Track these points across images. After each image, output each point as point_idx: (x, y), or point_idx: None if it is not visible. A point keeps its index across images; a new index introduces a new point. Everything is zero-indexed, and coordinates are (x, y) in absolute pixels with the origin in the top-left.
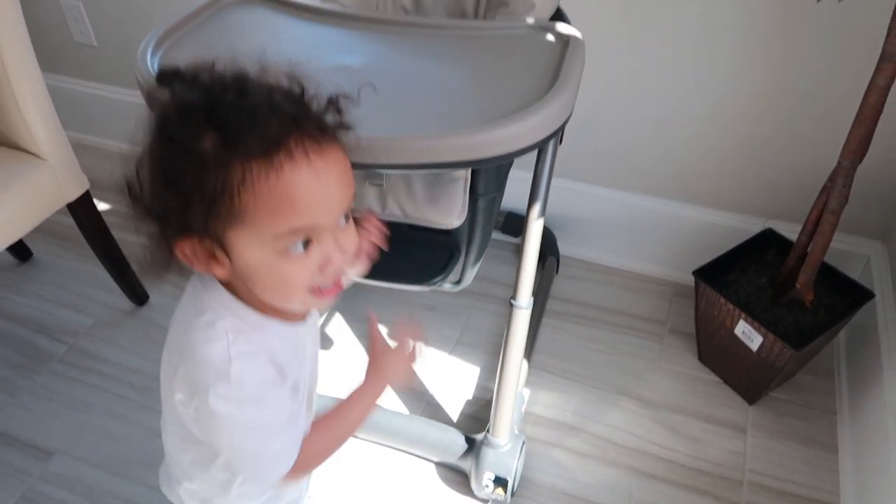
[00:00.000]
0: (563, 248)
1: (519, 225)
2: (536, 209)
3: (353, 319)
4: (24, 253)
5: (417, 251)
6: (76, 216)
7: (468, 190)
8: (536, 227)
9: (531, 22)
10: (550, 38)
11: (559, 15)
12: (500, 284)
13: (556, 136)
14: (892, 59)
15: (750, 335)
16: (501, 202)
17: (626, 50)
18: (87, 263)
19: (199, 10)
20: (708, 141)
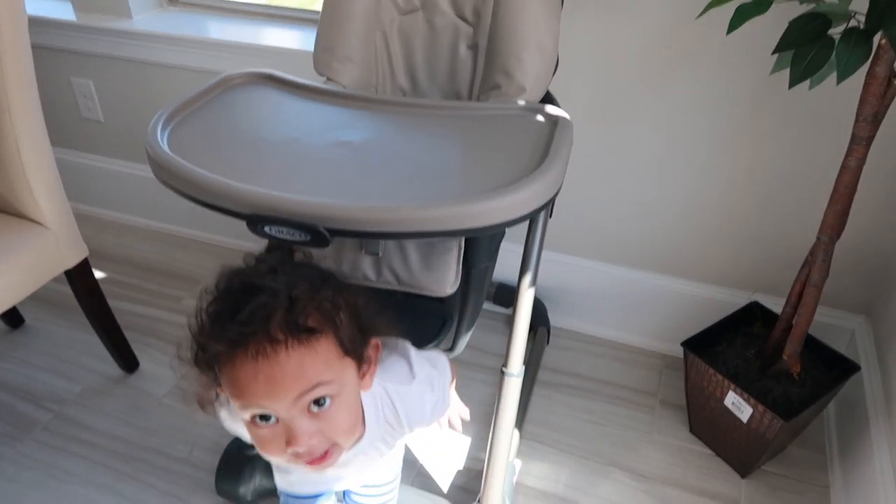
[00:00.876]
0: (553, 319)
1: (510, 296)
2: (528, 278)
3: None
4: (15, 320)
5: (411, 318)
6: (73, 283)
7: (461, 260)
8: (528, 295)
9: (522, 104)
10: (540, 118)
11: (549, 98)
12: (491, 354)
13: (546, 207)
14: (861, 142)
15: (740, 406)
16: (493, 273)
17: (613, 130)
18: (78, 330)
19: (208, 88)
20: (694, 216)
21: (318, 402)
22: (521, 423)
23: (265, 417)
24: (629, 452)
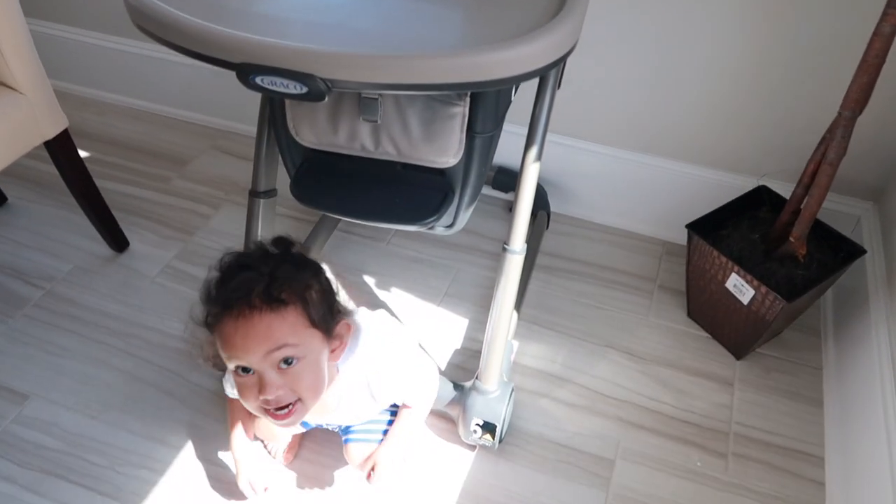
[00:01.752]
0: (553, 204)
1: (509, 180)
2: (533, 151)
3: (341, 271)
4: None
5: (411, 191)
6: (55, 158)
7: (465, 127)
8: (532, 169)
9: None
10: None
11: None
12: (489, 239)
13: (559, 64)
14: None
15: (741, 288)
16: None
17: (624, 4)
18: (64, 210)
19: None
20: (705, 95)
21: (287, 361)
22: (519, 305)
23: (246, 370)
24: (626, 334)
